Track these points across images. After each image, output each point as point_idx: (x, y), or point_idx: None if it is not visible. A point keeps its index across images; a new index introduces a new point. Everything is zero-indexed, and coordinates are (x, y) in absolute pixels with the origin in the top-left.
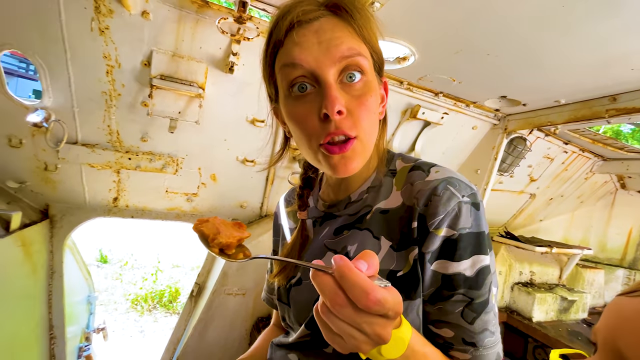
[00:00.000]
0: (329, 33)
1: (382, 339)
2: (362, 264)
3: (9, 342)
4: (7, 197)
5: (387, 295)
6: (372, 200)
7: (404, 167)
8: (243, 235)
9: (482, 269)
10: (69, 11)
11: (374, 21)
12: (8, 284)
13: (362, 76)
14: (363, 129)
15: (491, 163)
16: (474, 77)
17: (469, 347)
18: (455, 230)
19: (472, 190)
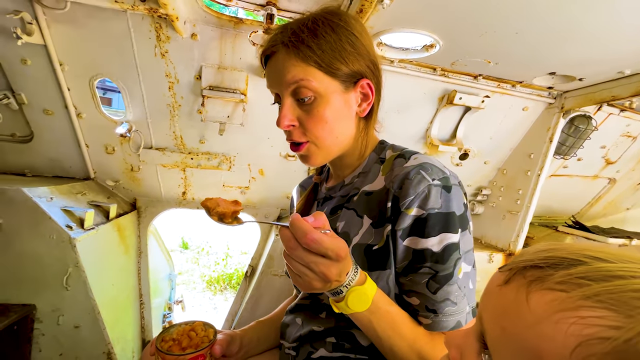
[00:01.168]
0: (280, 64)
1: (327, 277)
2: (310, 218)
3: (112, 304)
4: (107, 192)
5: (323, 237)
6: (360, 184)
7: (391, 156)
8: (237, 208)
9: (449, 245)
10: (138, 42)
11: (337, 39)
12: (109, 260)
13: (311, 95)
14: (314, 135)
15: (546, 146)
16: (510, 57)
17: (430, 314)
18: (424, 210)
19: (445, 174)
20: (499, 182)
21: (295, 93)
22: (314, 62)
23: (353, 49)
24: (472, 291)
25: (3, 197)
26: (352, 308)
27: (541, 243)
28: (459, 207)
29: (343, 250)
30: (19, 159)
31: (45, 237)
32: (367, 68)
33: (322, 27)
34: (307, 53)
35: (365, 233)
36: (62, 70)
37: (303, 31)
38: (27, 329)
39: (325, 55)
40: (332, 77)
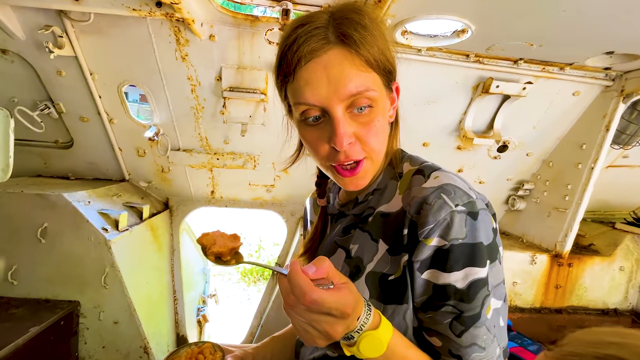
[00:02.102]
0: (337, 68)
1: (330, 336)
2: (310, 268)
3: (146, 301)
4: (141, 193)
5: (325, 296)
6: (375, 203)
7: (409, 171)
8: (235, 245)
9: (475, 281)
10: (159, 47)
11: (381, 33)
12: (143, 258)
13: (369, 104)
14: (372, 149)
15: (601, 135)
16: (557, 37)
17: (454, 359)
18: (446, 240)
19: (470, 198)
20: (543, 176)
21: (352, 104)
22: (376, 66)
23: (390, 49)
24: (502, 329)
25: (47, 202)
26: (364, 354)
27: (600, 330)
28: (487, 235)
29: (349, 306)
30: (63, 163)
31: (84, 239)
32: (394, 69)
33: (372, 24)
34: (369, 56)
35: (380, 260)
36: (92, 79)
37: (357, 29)
38: (73, 323)
39: (381, 57)
40: (384, 82)
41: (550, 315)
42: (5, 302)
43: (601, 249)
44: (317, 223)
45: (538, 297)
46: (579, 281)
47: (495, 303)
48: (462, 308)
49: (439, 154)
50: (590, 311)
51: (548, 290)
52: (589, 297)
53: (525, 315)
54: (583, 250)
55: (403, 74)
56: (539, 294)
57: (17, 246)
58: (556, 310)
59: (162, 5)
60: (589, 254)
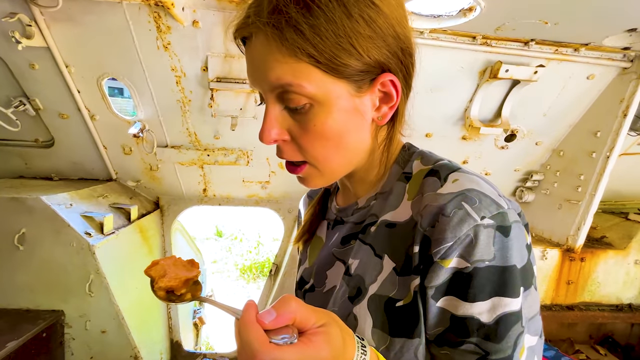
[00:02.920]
0: (259, 57)
1: None
2: (268, 315)
3: (137, 307)
4: (130, 192)
5: (283, 356)
6: (378, 209)
7: (420, 171)
8: (190, 275)
9: (506, 316)
10: (138, 35)
11: (342, 18)
12: (132, 262)
13: (306, 102)
14: (313, 157)
15: (618, 121)
16: (574, 14)
17: None
18: (469, 262)
19: (500, 208)
20: (553, 166)
21: (283, 99)
22: (308, 56)
23: (371, 30)
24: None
25: (24, 206)
26: None
27: None
28: (522, 255)
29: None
30: (45, 163)
31: (66, 244)
32: (391, 57)
33: None
34: (296, 42)
35: (385, 281)
36: (69, 72)
37: (289, 4)
38: (58, 333)
39: (325, 43)
40: (337, 77)
41: (561, 313)
42: None
43: (614, 241)
44: (314, 207)
45: (549, 294)
46: (591, 276)
47: (529, 340)
48: (488, 348)
49: (443, 145)
50: (603, 307)
51: (559, 287)
52: (602, 293)
53: None
54: (595, 244)
55: None
56: (549, 290)
57: None
58: (568, 307)
59: None
60: (602, 248)
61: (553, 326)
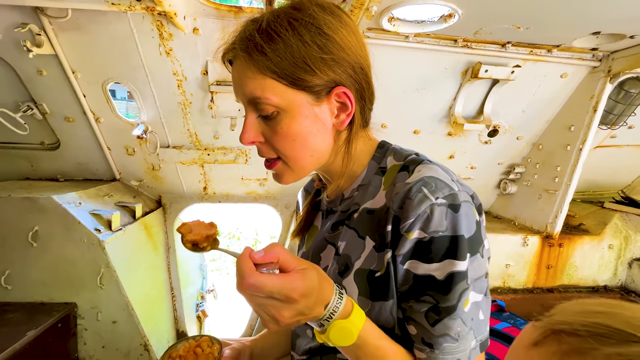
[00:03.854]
0: (237, 74)
1: (278, 320)
2: (258, 253)
3: (144, 299)
4: (133, 192)
5: (264, 280)
6: (360, 199)
7: (394, 166)
8: (210, 232)
9: (453, 274)
10: (142, 42)
11: (301, 42)
12: (139, 257)
13: (274, 110)
14: (283, 154)
15: (589, 116)
16: (543, 19)
17: (425, 347)
18: (426, 233)
19: (452, 190)
20: (534, 159)
21: (257, 109)
22: (272, 73)
23: (323, 52)
24: (482, 322)
25: (36, 205)
26: (335, 342)
27: (588, 301)
28: (469, 227)
29: (296, 291)
30: (51, 165)
31: (77, 240)
32: (344, 73)
33: (281, 27)
34: (262, 62)
35: (368, 257)
36: (75, 77)
37: (258, 34)
38: (71, 324)
39: (284, 63)
40: (297, 89)
41: (542, 295)
42: (0, 307)
43: (590, 228)
44: (309, 201)
45: (530, 278)
46: (569, 260)
47: (474, 297)
48: (439, 299)
49: (430, 141)
50: (580, 289)
51: (540, 271)
52: (580, 276)
53: (518, 296)
54: (573, 230)
55: (392, 62)
56: (531, 275)
57: (9, 251)
58: (548, 289)
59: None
60: (579, 234)
61: (535, 308)
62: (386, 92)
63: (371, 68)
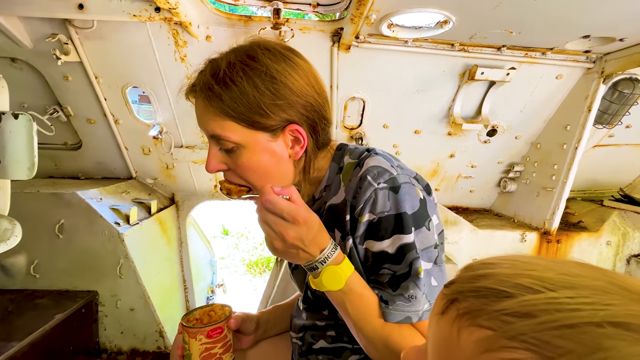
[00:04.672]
0: (200, 112)
1: (285, 238)
2: (277, 187)
3: (159, 289)
4: (148, 189)
5: (278, 199)
6: (326, 197)
7: (349, 163)
8: (240, 187)
9: (402, 246)
10: (159, 49)
11: (251, 91)
12: (154, 250)
13: (233, 146)
14: (246, 182)
15: (584, 116)
16: (534, 24)
17: (382, 304)
18: (374, 214)
19: (391, 175)
20: (532, 158)
21: (218, 143)
22: (230, 116)
23: (274, 96)
24: (435, 288)
25: (62, 200)
26: (326, 286)
27: (478, 262)
28: (412, 205)
29: (301, 215)
30: (73, 164)
31: (98, 233)
32: (296, 114)
33: (236, 75)
34: (221, 107)
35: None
36: (97, 82)
37: (214, 84)
38: (93, 311)
39: (241, 108)
40: (254, 129)
41: None
42: (29, 294)
43: (589, 225)
44: None
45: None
46: (567, 257)
47: (425, 265)
48: (395, 269)
49: (431, 140)
50: None
51: None
52: None
53: None
54: (572, 227)
55: (392, 65)
56: None
57: (37, 242)
58: None
59: (161, 10)
60: (577, 231)
61: None
62: (387, 93)
63: (326, 98)
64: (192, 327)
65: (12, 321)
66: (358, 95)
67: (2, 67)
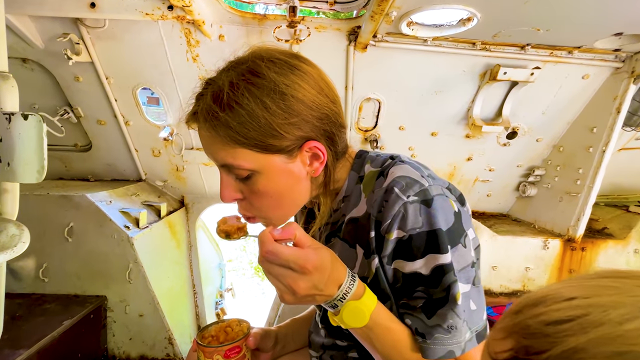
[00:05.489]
0: (207, 142)
1: (295, 292)
2: (276, 230)
3: (168, 294)
4: (158, 192)
5: (281, 248)
6: (345, 209)
7: (371, 172)
8: (240, 225)
9: (438, 267)
10: (171, 49)
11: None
12: (164, 254)
13: (247, 174)
14: (261, 212)
15: (612, 117)
16: (564, 21)
17: (419, 337)
18: (404, 231)
19: (422, 186)
20: (554, 161)
21: (231, 172)
22: (241, 143)
23: (287, 114)
24: (475, 313)
25: (72, 203)
26: (348, 323)
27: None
28: (447, 220)
29: (310, 263)
30: (83, 166)
31: (108, 236)
32: (312, 127)
33: (242, 97)
34: (229, 134)
35: (361, 265)
36: (108, 83)
37: (218, 111)
38: (101, 316)
39: (252, 133)
40: (268, 153)
41: None
42: (38, 298)
43: (615, 232)
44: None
45: (551, 282)
46: (592, 265)
47: (463, 287)
48: (430, 293)
49: (448, 142)
50: None
51: (562, 275)
52: None
53: None
54: (596, 234)
55: (410, 65)
56: (552, 279)
57: (46, 245)
58: None
59: (174, 9)
60: (603, 238)
61: None
62: (404, 94)
63: (340, 104)
64: (208, 347)
65: (20, 327)
66: (374, 96)
67: (13, 68)
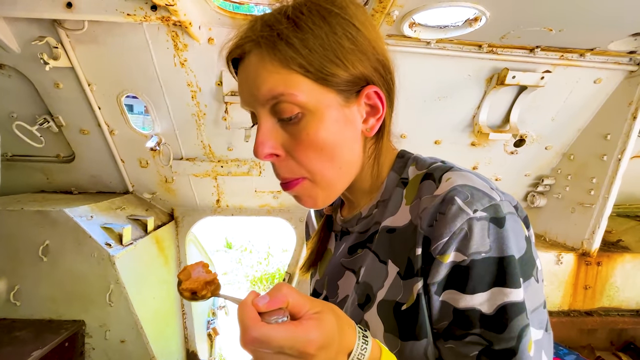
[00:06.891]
0: (252, 72)
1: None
2: (262, 299)
3: (154, 317)
4: (146, 205)
5: (271, 333)
6: (380, 216)
7: (416, 176)
8: (209, 279)
9: (507, 306)
10: (157, 53)
11: (329, 34)
12: (149, 272)
13: (298, 112)
14: (308, 168)
15: (627, 123)
16: (578, 20)
17: None
18: (465, 255)
19: (492, 200)
20: (564, 170)
21: (276, 111)
22: (299, 67)
23: (354, 45)
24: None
25: (48, 219)
26: None
27: None
28: (519, 245)
29: (312, 344)
30: (65, 178)
31: (87, 255)
32: (373, 71)
33: (308, 16)
34: (287, 53)
35: (392, 286)
36: (91, 90)
37: (281, 22)
38: (78, 343)
39: (314, 55)
40: (326, 86)
41: (580, 318)
42: (8, 323)
43: (631, 245)
44: (318, 232)
45: (566, 299)
46: (609, 280)
47: (535, 334)
48: (492, 339)
49: (452, 151)
50: (623, 312)
51: (576, 292)
52: (622, 298)
53: (553, 319)
54: (611, 247)
55: (412, 69)
56: (567, 296)
57: (19, 266)
58: (586, 312)
59: (158, 9)
60: (619, 251)
61: (572, 332)
62: (406, 101)
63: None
64: None
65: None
66: None
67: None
